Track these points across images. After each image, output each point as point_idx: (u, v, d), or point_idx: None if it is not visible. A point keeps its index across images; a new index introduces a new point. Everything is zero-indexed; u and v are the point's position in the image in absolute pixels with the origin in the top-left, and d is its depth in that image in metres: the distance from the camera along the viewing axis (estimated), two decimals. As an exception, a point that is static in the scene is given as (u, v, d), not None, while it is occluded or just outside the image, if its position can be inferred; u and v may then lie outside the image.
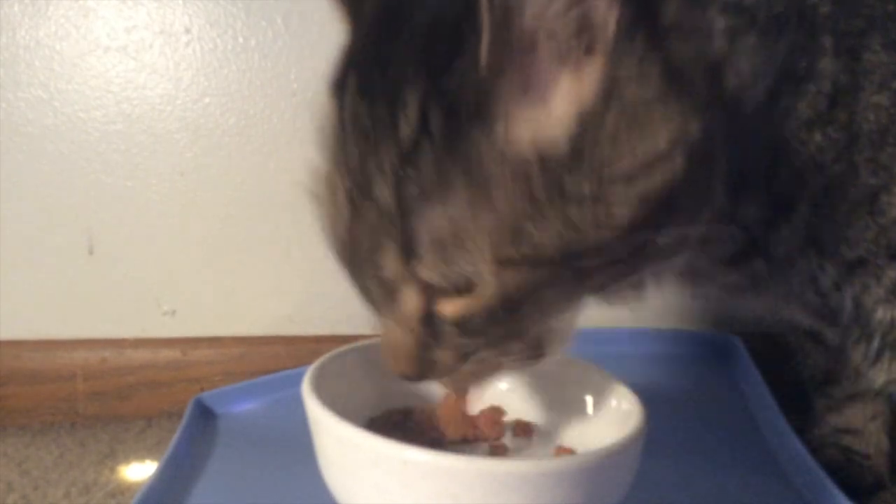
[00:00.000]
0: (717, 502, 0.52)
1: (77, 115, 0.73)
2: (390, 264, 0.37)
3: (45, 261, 0.75)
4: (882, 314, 0.43)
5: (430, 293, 0.38)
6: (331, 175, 0.39)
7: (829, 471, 0.52)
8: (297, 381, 0.47)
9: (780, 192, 0.41)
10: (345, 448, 0.42)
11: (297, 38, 0.73)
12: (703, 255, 0.42)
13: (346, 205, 0.38)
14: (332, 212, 0.39)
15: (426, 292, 0.38)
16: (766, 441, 0.60)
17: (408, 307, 0.39)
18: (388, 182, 0.35)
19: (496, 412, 0.53)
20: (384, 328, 0.41)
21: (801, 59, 0.39)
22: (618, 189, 0.34)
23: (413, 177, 0.35)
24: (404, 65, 0.35)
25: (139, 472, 0.65)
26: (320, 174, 0.40)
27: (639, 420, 0.44)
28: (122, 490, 0.61)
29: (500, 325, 0.38)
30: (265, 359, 0.76)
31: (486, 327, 0.38)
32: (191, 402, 0.63)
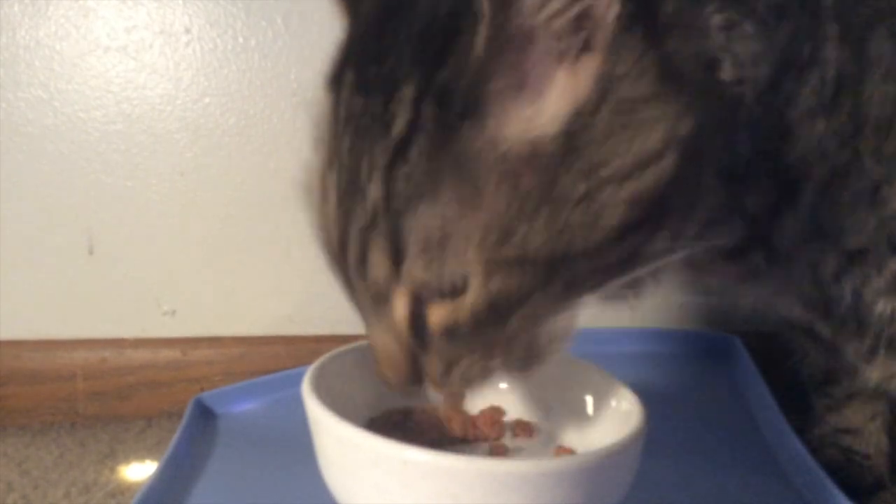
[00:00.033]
0: (717, 502, 0.52)
1: (77, 115, 0.73)
2: (380, 264, 0.36)
3: (45, 261, 0.75)
4: (882, 307, 0.43)
5: (420, 298, 0.37)
6: (323, 172, 0.38)
7: (829, 471, 0.52)
8: (297, 381, 0.47)
9: (784, 179, 0.41)
10: (345, 448, 0.42)
11: (297, 38, 0.73)
12: (705, 246, 0.41)
13: (337, 203, 0.37)
14: (323, 210, 0.39)
15: (415, 297, 0.37)
16: (766, 441, 0.60)
17: (397, 313, 0.38)
18: (379, 179, 0.35)
19: (496, 412, 0.53)
20: (372, 335, 0.41)
21: (804, 46, 0.39)
22: (610, 189, 0.34)
23: (404, 173, 0.34)
24: (400, 59, 0.35)
25: (139, 472, 0.65)
26: (313, 171, 0.39)
27: (639, 420, 0.44)
28: (122, 490, 0.61)
29: (487, 333, 0.38)
30: (265, 359, 0.76)
31: (472, 335, 0.38)
32: (191, 402, 0.63)
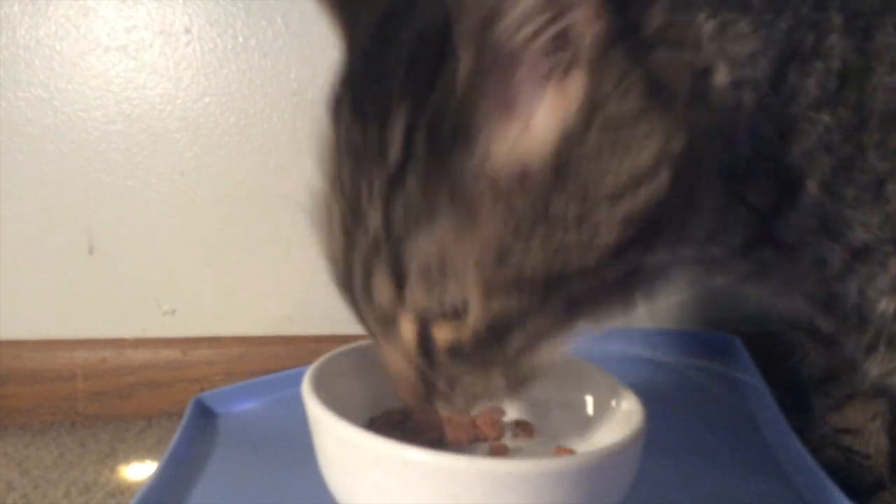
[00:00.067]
0: (717, 502, 0.52)
1: (77, 115, 0.73)
2: (384, 291, 0.37)
3: (45, 261, 0.75)
4: (885, 305, 0.42)
5: (425, 320, 0.38)
6: (328, 198, 0.39)
7: (829, 471, 0.52)
8: (297, 381, 0.47)
9: (786, 176, 0.40)
10: (345, 448, 0.42)
11: (297, 38, 0.73)
12: (716, 244, 0.41)
13: (341, 230, 0.38)
14: (329, 236, 0.39)
15: (421, 320, 0.38)
16: (766, 441, 0.60)
17: (405, 336, 0.38)
18: (378, 206, 0.35)
19: (496, 412, 0.53)
20: (384, 355, 0.41)
21: (806, 37, 0.38)
22: (602, 210, 0.34)
23: (401, 200, 0.34)
24: (391, 86, 0.35)
25: (139, 472, 0.65)
26: (319, 197, 0.39)
27: (639, 420, 0.44)
28: (122, 490, 0.61)
29: (489, 352, 0.38)
30: (265, 359, 0.76)
31: (475, 354, 0.38)
32: (191, 402, 0.63)
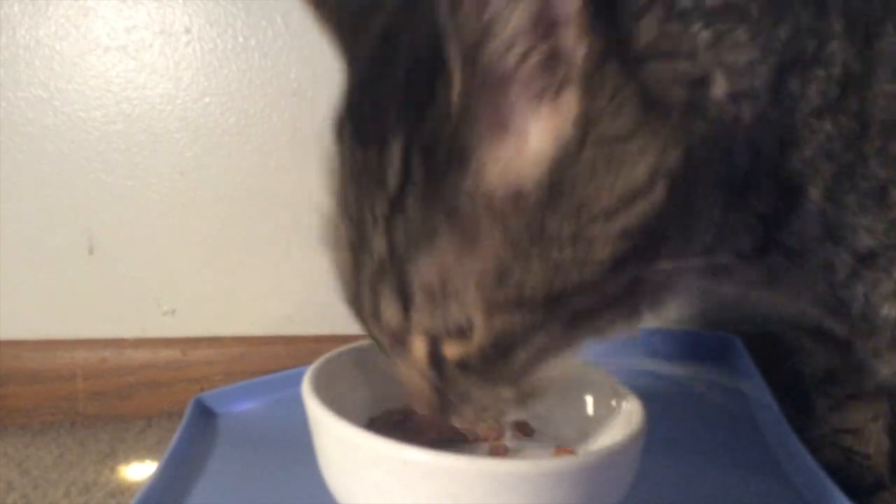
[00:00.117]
0: (717, 502, 0.52)
1: (77, 115, 0.73)
2: (391, 314, 0.37)
3: (45, 261, 0.75)
4: (888, 310, 0.42)
5: (435, 338, 0.38)
6: (336, 221, 0.39)
7: (829, 471, 0.52)
8: (297, 381, 0.47)
9: (787, 184, 0.40)
10: (345, 448, 0.42)
11: (297, 38, 0.73)
12: (722, 251, 0.41)
13: (349, 253, 0.38)
14: (338, 258, 0.39)
15: (431, 337, 0.38)
16: (766, 441, 0.60)
17: (416, 353, 0.39)
18: (381, 230, 0.36)
19: (496, 412, 0.53)
20: (398, 369, 0.42)
21: (807, 43, 0.38)
22: (598, 226, 0.34)
23: (402, 225, 0.35)
24: (389, 110, 0.35)
25: (139, 472, 0.65)
26: (329, 220, 0.40)
27: (639, 420, 0.44)
28: (122, 490, 0.61)
29: (496, 368, 0.38)
30: (265, 359, 0.76)
31: (483, 370, 0.38)
32: (191, 402, 0.63)
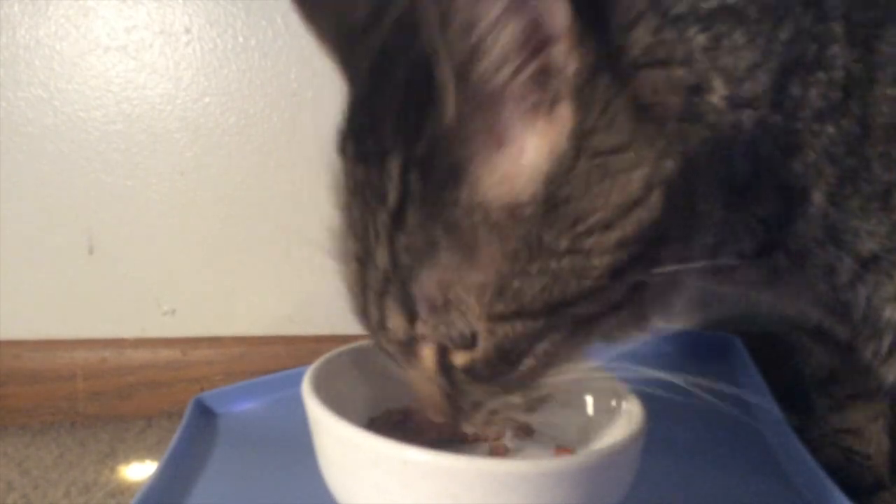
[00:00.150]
0: (716, 502, 0.52)
1: (77, 115, 0.73)
2: (398, 327, 0.38)
3: (45, 261, 0.75)
4: (890, 313, 0.42)
5: (443, 347, 0.39)
6: (343, 237, 0.40)
7: (829, 471, 0.52)
8: (297, 381, 0.47)
9: (790, 189, 0.40)
10: (345, 448, 0.42)
11: (297, 38, 0.73)
12: (726, 254, 0.41)
13: (355, 267, 0.39)
14: (345, 272, 0.40)
15: (439, 347, 0.39)
16: (766, 441, 0.60)
17: (425, 362, 0.40)
18: (384, 244, 0.36)
19: (496, 412, 0.53)
20: (409, 377, 0.42)
21: (808, 47, 0.38)
22: (594, 238, 0.34)
23: (403, 239, 0.35)
24: (387, 126, 0.35)
25: (139, 472, 0.65)
26: (336, 234, 0.40)
27: (639, 420, 0.44)
28: (122, 490, 0.61)
29: (502, 375, 0.39)
30: (265, 359, 0.76)
31: (490, 377, 0.39)
32: (191, 402, 0.63)
